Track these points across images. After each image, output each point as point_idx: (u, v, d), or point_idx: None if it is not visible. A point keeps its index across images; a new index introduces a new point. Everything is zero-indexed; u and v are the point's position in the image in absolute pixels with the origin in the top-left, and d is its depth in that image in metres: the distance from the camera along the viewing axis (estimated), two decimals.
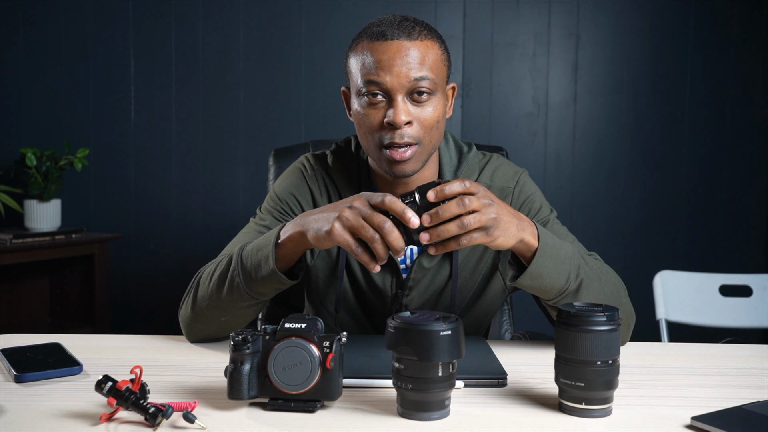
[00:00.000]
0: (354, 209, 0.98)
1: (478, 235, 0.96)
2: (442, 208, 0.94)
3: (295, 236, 1.05)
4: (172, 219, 2.95)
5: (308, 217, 1.05)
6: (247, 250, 1.10)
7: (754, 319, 2.05)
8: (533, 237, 1.02)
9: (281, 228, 1.09)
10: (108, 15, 2.90)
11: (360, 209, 0.97)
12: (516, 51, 2.89)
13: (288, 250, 1.07)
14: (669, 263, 2.44)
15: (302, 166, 1.33)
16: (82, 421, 0.81)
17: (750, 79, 2.89)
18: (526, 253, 1.03)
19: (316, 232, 1.01)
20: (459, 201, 0.94)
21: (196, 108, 2.93)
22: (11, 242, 2.53)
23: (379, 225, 0.95)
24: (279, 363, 0.84)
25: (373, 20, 1.19)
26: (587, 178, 2.92)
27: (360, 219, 0.97)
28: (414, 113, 1.14)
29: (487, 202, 0.97)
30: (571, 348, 0.83)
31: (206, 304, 1.14)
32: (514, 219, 1.00)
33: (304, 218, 1.05)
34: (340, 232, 0.98)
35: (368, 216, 0.96)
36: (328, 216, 1.01)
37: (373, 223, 0.96)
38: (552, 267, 1.03)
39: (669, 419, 0.84)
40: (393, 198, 0.96)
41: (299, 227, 1.05)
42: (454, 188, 0.95)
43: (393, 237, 0.95)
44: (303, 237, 1.04)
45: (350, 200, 1.00)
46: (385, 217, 0.96)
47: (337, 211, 1.00)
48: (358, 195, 1.01)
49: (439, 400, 0.83)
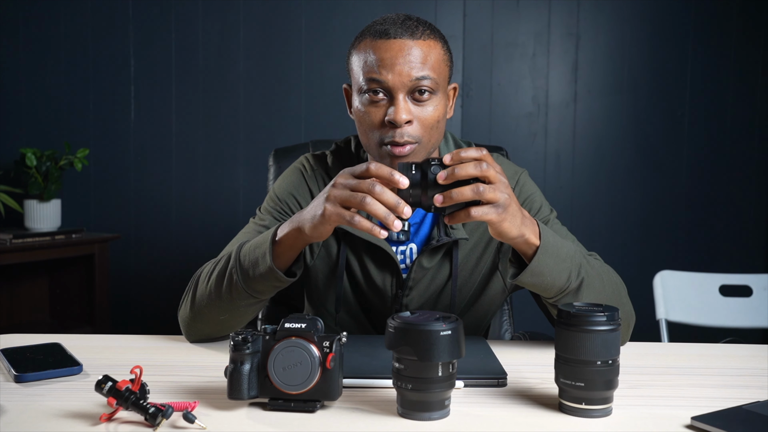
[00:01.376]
0: (339, 185, 0.98)
1: (489, 209, 0.95)
2: (458, 167, 0.93)
3: (292, 233, 1.06)
4: (172, 219, 2.95)
5: (302, 212, 1.06)
6: (245, 249, 1.10)
7: (754, 319, 2.05)
8: (535, 235, 1.02)
9: (278, 226, 1.09)
10: (108, 15, 2.90)
11: (345, 183, 0.98)
12: (516, 51, 2.89)
13: (286, 247, 1.07)
14: (669, 263, 2.44)
15: (302, 166, 1.33)
16: (82, 421, 0.81)
17: (750, 79, 2.89)
18: (527, 251, 1.03)
19: (311, 221, 1.01)
20: (476, 163, 0.94)
21: (196, 108, 2.93)
22: (11, 242, 2.53)
23: (368, 189, 0.94)
24: (279, 363, 0.84)
25: (377, 18, 1.19)
26: (587, 178, 2.92)
27: (347, 190, 0.97)
28: (415, 112, 1.14)
29: (502, 179, 0.96)
30: (571, 348, 0.83)
31: (205, 302, 1.14)
32: (519, 212, 1.00)
33: (299, 215, 1.06)
34: (332, 209, 0.97)
35: (355, 185, 0.96)
36: (318, 202, 1.01)
37: (361, 189, 0.95)
38: (553, 265, 1.03)
39: (669, 419, 0.84)
40: (378, 164, 0.96)
41: (295, 224, 1.05)
42: (470, 153, 0.95)
43: (386, 196, 0.93)
44: (300, 233, 1.05)
45: (334, 180, 1.00)
46: (373, 180, 0.95)
47: (325, 194, 1.00)
48: (340, 172, 1.00)
49: (439, 400, 0.83)
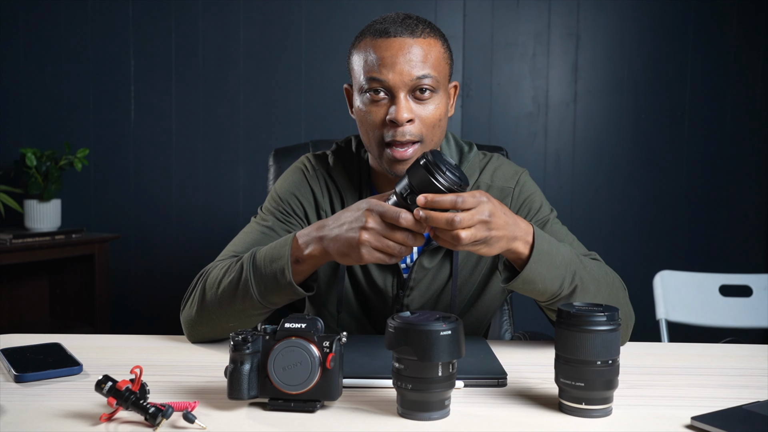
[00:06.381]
0: (371, 231, 0.99)
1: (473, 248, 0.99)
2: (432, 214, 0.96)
3: (317, 255, 1.05)
4: (172, 219, 2.95)
5: (326, 232, 1.04)
6: (259, 260, 1.09)
7: (754, 319, 2.05)
8: (525, 244, 1.02)
9: (294, 238, 1.08)
10: (108, 15, 2.90)
11: (378, 230, 0.99)
12: (516, 51, 2.89)
13: (308, 266, 1.07)
14: (669, 263, 2.44)
15: (303, 166, 1.33)
16: (82, 421, 0.81)
17: (750, 79, 2.89)
18: (517, 260, 1.04)
19: (342, 256, 1.02)
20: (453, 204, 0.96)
21: (196, 108, 2.93)
22: (11, 242, 2.53)
23: (403, 241, 0.99)
24: (279, 363, 0.84)
25: (376, 18, 1.19)
26: (587, 178, 2.92)
27: (383, 240, 0.99)
28: (416, 111, 1.14)
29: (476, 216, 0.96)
30: (571, 348, 0.83)
31: (214, 309, 1.13)
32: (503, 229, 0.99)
33: (322, 232, 1.05)
34: (369, 256, 1.00)
35: (389, 235, 0.99)
36: (349, 239, 1.00)
37: (396, 240, 0.99)
38: (545, 273, 1.03)
39: (669, 419, 0.84)
40: (408, 216, 0.97)
41: (321, 245, 1.05)
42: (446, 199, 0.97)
43: (417, 243, 1.00)
44: (326, 255, 1.05)
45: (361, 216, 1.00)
46: (407, 232, 0.99)
47: (354, 230, 1.00)
48: (368, 208, 1.00)
49: (439, 400, 0.83)
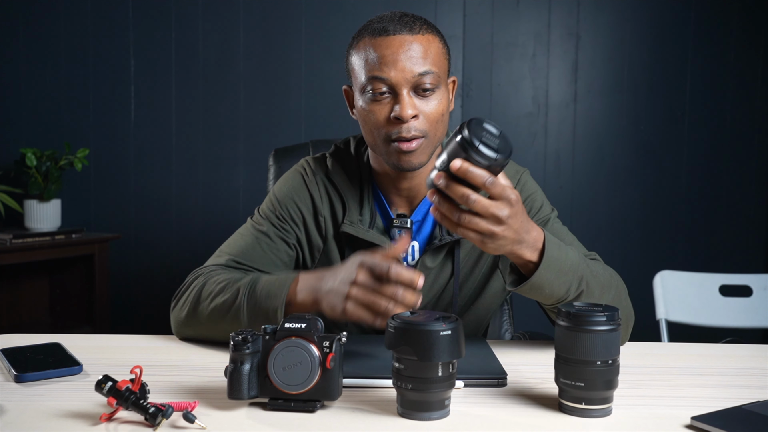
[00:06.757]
0: (359, 286, 0.97)
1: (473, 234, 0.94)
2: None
3: (309, 303, 1.05)
4: (172, 219, 2.95)
5: (322, 284, 1.03)
6: (258, 291, 1.09)
7: (754, 319, 2.05)
8: (534, 251, 1.00)
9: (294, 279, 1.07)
10: (108, 15, 2.90)
11: (366, 284, 0.96)
12: (516, 51, 2.89)
13: (300, 309, 1.07)
14: (669, 263, 2.44)
15: (303, 170, 1.32)
16: (82, 421, 0.81)
17: (750, 79, 2.89)
18: (524, 265, 1.02)
19: (331, 310, 1.00)
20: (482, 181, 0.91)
21: (196, 108, 2.93)
22: (11, 242, 2.53)
23: (392, 295, 0.95)
24: (279, 363, 0.84)
25: (372, 18, 1.19)
26: (587, 178, 2.92)
27: (369, 295, 0.96)
28: (419, 107, 1.15)
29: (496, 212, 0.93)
30: (571, 348, 0.83)
31: (203, 320, 1.14)
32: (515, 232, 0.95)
33: (319, 284, 1.04)
34: (353, 311, 0.97)
35: (378, 289, 0.96)
36: (338, 293, 0.99)
37: (385, 295, 0.95)
38: (554, 279, 1.02)
39: (669, 419, 0.84)
40: (398, 269, 0.94)
41: (314, 295, 1.04)
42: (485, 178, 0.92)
43: (407, 300, 0.95)
44: (317, 305, 1.04)
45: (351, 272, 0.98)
46: (396, 286, 0.94)
47: (345, 284, 0.98)
48: (359, 263, 0.98)
49: (439, 400, 0.83)
